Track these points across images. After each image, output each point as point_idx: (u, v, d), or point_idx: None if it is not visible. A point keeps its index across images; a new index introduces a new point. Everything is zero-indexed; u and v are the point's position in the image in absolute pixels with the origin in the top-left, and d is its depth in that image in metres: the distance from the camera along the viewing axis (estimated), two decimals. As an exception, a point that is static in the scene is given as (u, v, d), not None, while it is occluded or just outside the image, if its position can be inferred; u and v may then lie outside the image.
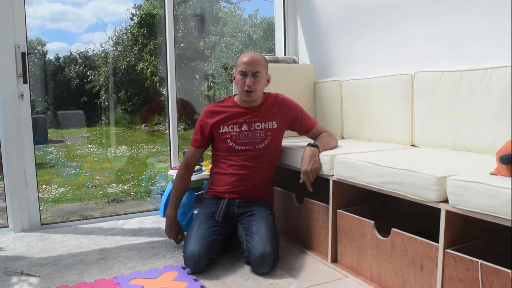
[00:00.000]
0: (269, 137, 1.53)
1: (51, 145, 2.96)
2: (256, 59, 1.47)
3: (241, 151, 1.51)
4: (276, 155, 1.60)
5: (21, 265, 1.44)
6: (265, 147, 1.53)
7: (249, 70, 1.46)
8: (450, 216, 1.02)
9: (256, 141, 1.52)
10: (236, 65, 1.52)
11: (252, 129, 1.52)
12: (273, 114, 1.55)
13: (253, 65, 1.46)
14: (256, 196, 1.55)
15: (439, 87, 1.49)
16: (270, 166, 1.58)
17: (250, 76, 1.46)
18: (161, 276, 1.33)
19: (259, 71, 1.47)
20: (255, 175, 1.53)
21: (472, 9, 1.46)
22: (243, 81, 1.47)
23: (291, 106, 1.60)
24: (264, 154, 1.53)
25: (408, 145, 1.66)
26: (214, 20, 3.14)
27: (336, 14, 2.11)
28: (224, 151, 1.53)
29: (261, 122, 1.53)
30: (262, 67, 1.49)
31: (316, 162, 1.44)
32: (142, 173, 3.14)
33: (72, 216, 2.36)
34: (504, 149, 0.98)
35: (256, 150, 1.52)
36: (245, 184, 1.52)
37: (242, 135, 1.51)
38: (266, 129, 1.53)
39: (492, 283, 0.92)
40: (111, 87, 3.12)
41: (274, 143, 1.55)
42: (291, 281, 1.28)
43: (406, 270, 1.16)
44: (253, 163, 1.52)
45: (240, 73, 1.47)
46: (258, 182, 1.54)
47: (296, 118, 1.59)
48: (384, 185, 1.20)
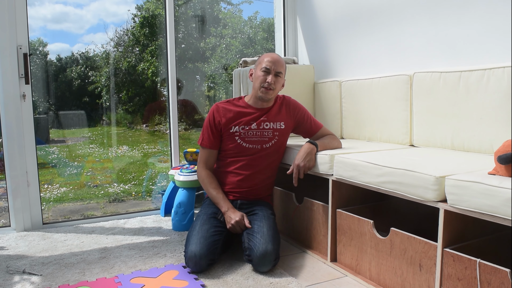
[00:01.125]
0: (277, 137, 1.54)
1: (53, 145, 2.97)
2: (280, 60, 1.51)
3: (248, 149, 1.52)
4: (279, 157, 1.61)
5: (23, 264, 1.45)
6: (272, 147, 1.54)
7: (273, 69, 1.48)
8: (448, 216, 1.03)
9: (264, 140, 1.53)
10: (258, 62, 1.53)
11: (261, 128, 1.53)
12: (281, 115, 1.56)
13: (278, 65, 1.49)
14: (258, 197, 1.56)
15: (437, 88, 1.50)
16: (273, 167, 1.59)
17: (273, 75, 1.48)
18: (162, 275, 1.33)
19: (281, 72, 1.51)
20: (258, 176, 1.54)
21: (470, 11, 1.47)
22: (265, 78, 1.48)
23: (298, 108, 1.61)
24: (269, 154, 1.54)
25: (407, 145, 1.67)
26: (214, 21, 3.15)
27: (336, 15, 2.12)
28: (231, 149, 1.53)
29: (270, 122, 1.54)
30: (284, 69, 1.53)
31: (311, 160, 1.45)
32: (143, 173, 3.15)
33: (73, 216, 2.37)
34: (502, 149, 0.98)
35: (262, 149, 1.53)
36: (248, 184, 1.53)
37: (250, 133, 1.52)
38: (274, 129, 1.54)
39: (490, 281, 0.93)
40: (112, 87, 3.13)
41: (280, 144, 1.56)
42: (291, 280, 1.29)
43: (405, 269, 1.16)
44: (257, 163, 1.53)
45: (263, 70, 1.48)
46: (260, 183, 1.55)
47: (302, 120, 1.60)
48: (383, 185, 1.21)
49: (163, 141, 3.42)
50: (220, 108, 1.55)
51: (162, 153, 3.30)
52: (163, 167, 3.11)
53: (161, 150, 3.36)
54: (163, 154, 3.27)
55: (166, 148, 2.44)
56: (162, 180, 2.89)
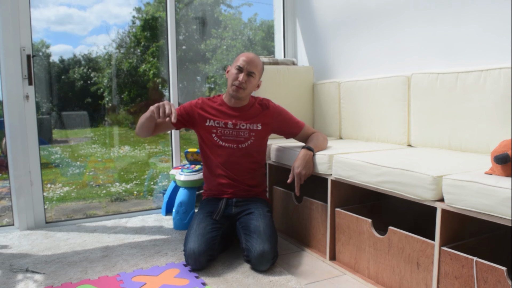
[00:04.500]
0: (253, 137, 1.55)
1: (56, 145, 2.98)
2: (255, 60, 1.51)
3: (224, 147, 1.53)
4: (261, 156, 1.61)
5: (26, 263, 1.47)
6: (248, 147, 1.54)
7: (245, 68, 1.49)
8: (445, 215, 1.03)
9: (239, 139, 1.54)
10: (234, 61, 1.55)
11: (237, 128, 1.54)
12: (259, 117, 1.57)
13: (251, 64, 1.50)
14: (252, 194, 1.57)
15: (435, 89, 1.51)
16: (257, 166, 1.60)
17: (244, 74, 1.49)
18: (163, 273, 1.35)
19: (254, 72, 1.51)
20: (244, 174, 1.55)
21: (468, 12, 1.48)
22: (237, 76, 1.49)
23: (278, 110, 1.61)
24: (248, 154, 1.55)
25: (404, 145, 1.68)
26: (215, 23, 3.17)
27: (335, 17, 2.13)
28: (208, 148, 1.55)
29: (246, 123, 1.55)
30: (258, 70, 1.53)
31: (310, 167, 1.47)
32: (145, 172, 3.16)
33: (76, 215, 2.39)
34: (499, 149, 0.99)
35: (239, 149, 1.53)
36: (235, 183, 1.54)
37: (226, 131, 1.53)
38: (250, 130, 1.55)
39: (486, 280, 0.94)
40: (114, 88, 3.15)
41: (257, 144, 1.57)
42: (290, 278, 1.30)
43: (403, 267, 1.18)
44: (239, 163, 1.54)
45: (237, 68, 1.50)
46: (248, 181, 1.56)
47: (284, 123, 1.61)
48: (381, 184, 1.22)
49: (164, 141, 3.44)
50: (201, 101, 1.58)
51: (164, 153, 3.31)
52: (164, 167, 3.12)
53: (162, 150, 3.37)
54: (164, 154, 3.28)
55: (168, 148, 2.46)
56: (163, 179, 2.91)
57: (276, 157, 1.74)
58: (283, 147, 1.69)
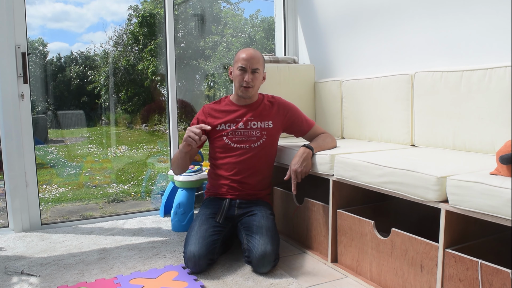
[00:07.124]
0: (265, 136, 1.53)
1: (52, 145, 2.96)
2: (255, 56, 1.49)
3: (236, 149, 1.51)
4: (272, 156, 1.60)
5: (22, 265, 1.44)
6: (261, 146, 1.53)
7: (248, 67, 1.48)
8: (450, 216, 1.02)
9: (251, 139, 1.52)
10: (234, 61, 1.53)
11: (248, 127, 1.52)
12: (269, 115, 1.56)
13: (253, 61, 1.48)
14: (256, 196, 1.55)
15: (439, 87, 1.49)
16: (267, 166, 1.58)
17: (249, 73, 1.47)
18: (161, 276, 1.33)
19: (258, 68, 1.50)
20: (253, 176, 1.53)
21: (472, 10, 1.46)
22: (242, 77, 1.48)
23: (289, 107, 1.60)
24: (259, 155, 1.53)
25: (408, 145, 1.67)
26: (214, 20, 3.14)
27: (336, 14, 2.11)
28: (220, 149, 1.53)
29: (257, 121, 1.54)
30: (261, 64, 1.52)
31: (307, 165, 1.45)
32: (142, 173, 3.14)
33: (72, 216, 2.36)
34: (504, 149, 0.98)
35: (251, 149, 1.52)
36: (244, 185, 1.52)
37: (238, 132, 1.52)
38: (261, 128, 1.53)
39: (492, 282, 0.93)
40: (111, 87, 3.12)
41: (269, 143, 1.55)
42: (291, 281, 1.29)
43: (406, 270, 1.16)
44: (250, 164, 1.52)
45: (239, 69, 1.48)
46: (256, 183, 1.54)
47: (294, 120, 1.60)
48: (384, 185, 1.20)
49: (163, 141, 3.41)
50: (206, 109, 1.57)
51: (162, 153, 3.29)
52: (163, 167, 3.10)
53: (160, 150, 3.35)
54: (162, 154, 3.26)
55: (166, 148, 2.43)
56: (162, 180, 2.89)
57: (276, 157, 1.72)
58: (283, 146, 1.67)
